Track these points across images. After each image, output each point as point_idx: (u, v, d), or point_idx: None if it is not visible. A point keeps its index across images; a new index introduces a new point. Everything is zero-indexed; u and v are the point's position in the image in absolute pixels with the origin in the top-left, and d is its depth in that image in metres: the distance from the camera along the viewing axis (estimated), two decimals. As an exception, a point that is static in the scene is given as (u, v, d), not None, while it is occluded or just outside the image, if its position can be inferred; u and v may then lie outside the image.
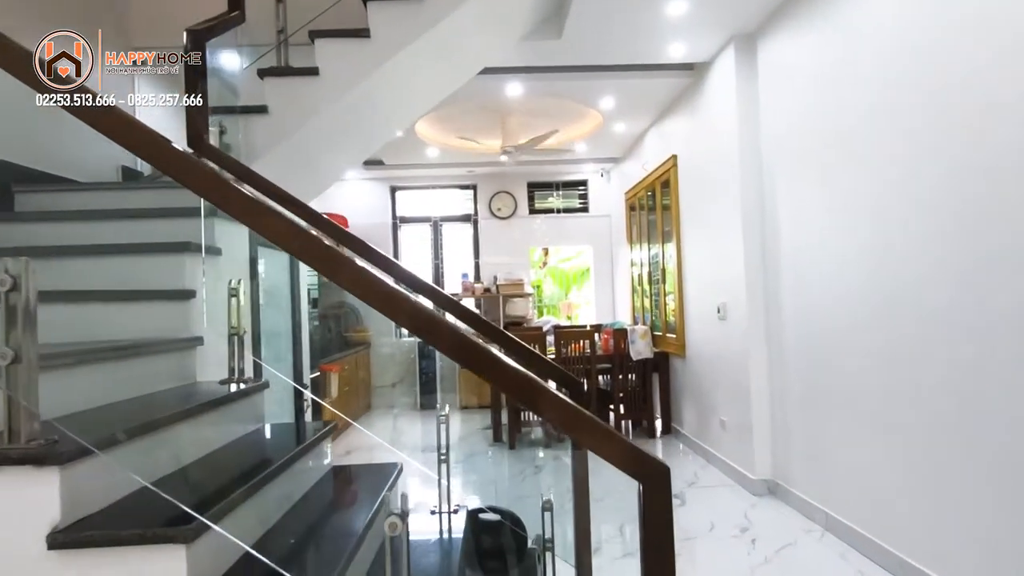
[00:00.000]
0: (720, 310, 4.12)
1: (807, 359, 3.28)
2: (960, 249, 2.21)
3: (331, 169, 3.77)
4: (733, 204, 3.85)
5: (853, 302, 2.84)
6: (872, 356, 2.71)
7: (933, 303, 2.34)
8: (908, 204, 2.46)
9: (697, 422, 4.73)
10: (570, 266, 10.07)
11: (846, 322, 2.90)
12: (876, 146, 2.65)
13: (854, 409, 2.86)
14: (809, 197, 3.22)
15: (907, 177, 2.46)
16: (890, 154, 2.56)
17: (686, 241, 4.81)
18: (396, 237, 7.69)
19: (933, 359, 2.35)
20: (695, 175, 4.56)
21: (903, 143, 2.48)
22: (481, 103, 5.14)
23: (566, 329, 6.10)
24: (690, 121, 4.64)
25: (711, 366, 4.41)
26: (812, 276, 3.20)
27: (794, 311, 3.41)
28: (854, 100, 2.79)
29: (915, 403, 2.46)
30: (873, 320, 2.70)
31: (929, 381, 2.37)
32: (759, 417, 3.73)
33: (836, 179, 2.96)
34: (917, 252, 2.42)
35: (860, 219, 2.78)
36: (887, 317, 2.60)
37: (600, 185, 7.60)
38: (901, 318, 2.52)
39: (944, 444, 2.31)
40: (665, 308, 5.37)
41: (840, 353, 2.96)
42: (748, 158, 3.76)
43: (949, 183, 2.26)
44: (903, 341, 2.51)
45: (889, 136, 2.56)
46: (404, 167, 7.02)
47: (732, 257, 3.92)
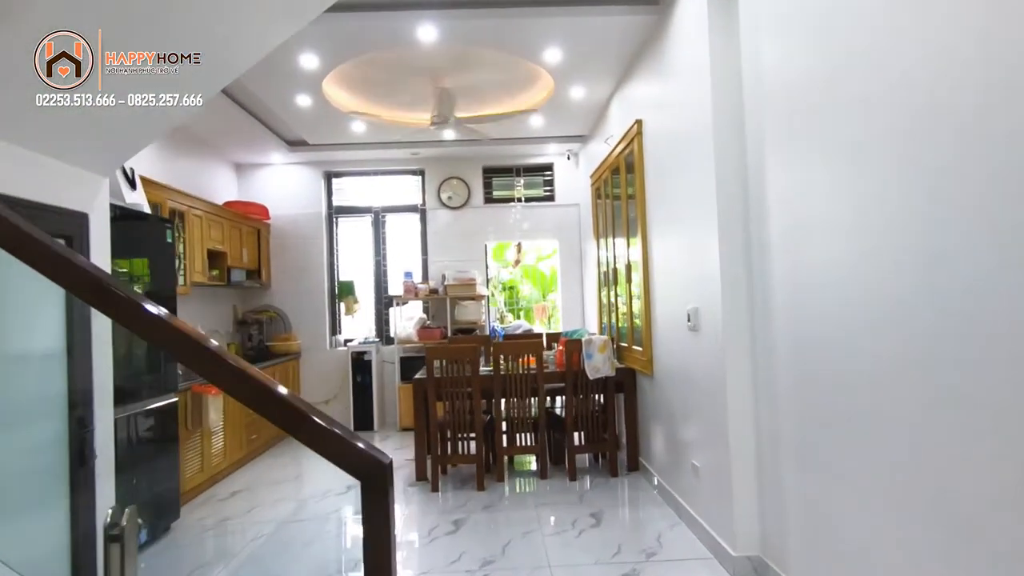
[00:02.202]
0: (690, 317, 3.10)
1: (808, 388, 2.25)
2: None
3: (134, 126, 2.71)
4: (706, 181, 2.84)
5: (874, 310, 1.81)
6: (901, 385, 1.68)
7: (995, 314, 1.32)
8: (949, 178, 1.44)
9: (667, 461, 3.70)
10: (548, 265, 9.08)
11: (864, 339, 1.88)
12: (904, 110, 1.63)
13: (876, 461, 1.83)
14: (809, 172, 2.19)
15: (944, 145, 1.44)
16: (925, 119, 1.54)
17: (653, 230, 3.78)
18: (332, 230, 6.66)
19: (992, 400, 1.32)
20: (663, 147, 3.54)
21: (945, 106, 1.46)
22: (407, 65, 4.12)
23: (511, 339, 5.07)
24: (656, 79, 3.61)
25: (681, 391, 3.38)
26: (814, 274, 2.17)
27: (789, 321, 2.38)
28: (872, 48, 1.77)
29: (966, 458, 1.43)
30: (903, 336, 1.67)
31: (981, 425, 1.35)
32: (741, 467, 2.71)
33: (848, 149, 1.94)
34: (963, 239, 1.39)
35: (882, 198, 1.75)
36: (927, 333, 1.58)
37: (567, 169, 6.57)
38: (947, 334, 1.49)
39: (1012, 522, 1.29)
40: (631, 314, 4.34)
41: (855, 382, 1.94)
42: (726, 123, 2.74)
43: (1002, 156, 1.24)
44: (950, 367, 1.48)
45: (920, 96, 1.54)
46: (333, 147, 5.98)
47: (704, 249, 2.90)
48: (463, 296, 6.14)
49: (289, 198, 6.45)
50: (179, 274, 4.47)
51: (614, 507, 3.66)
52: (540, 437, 4.23)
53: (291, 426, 0.92)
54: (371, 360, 6.08)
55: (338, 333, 6.62)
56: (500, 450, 4.27)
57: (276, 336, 6.26)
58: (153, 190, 4.14)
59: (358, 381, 6.10)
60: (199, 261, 4.80)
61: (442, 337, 6.02)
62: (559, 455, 4.53)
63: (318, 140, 5.79)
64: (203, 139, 5.55)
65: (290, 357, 6.13)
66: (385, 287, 6.64)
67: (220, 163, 6.04)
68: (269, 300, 6.40)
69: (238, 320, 6.17)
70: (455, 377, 4.07)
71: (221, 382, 0.98)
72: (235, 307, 6.18)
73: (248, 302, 6.34)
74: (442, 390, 4.10)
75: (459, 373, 4.06)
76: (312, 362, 6.42)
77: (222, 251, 5.22)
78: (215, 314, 5.71)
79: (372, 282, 6.67)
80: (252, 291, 6.30)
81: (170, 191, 4.40)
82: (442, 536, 3.31)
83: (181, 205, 4.54)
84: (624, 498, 3.85)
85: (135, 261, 3.47)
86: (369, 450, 0.88)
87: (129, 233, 3.21)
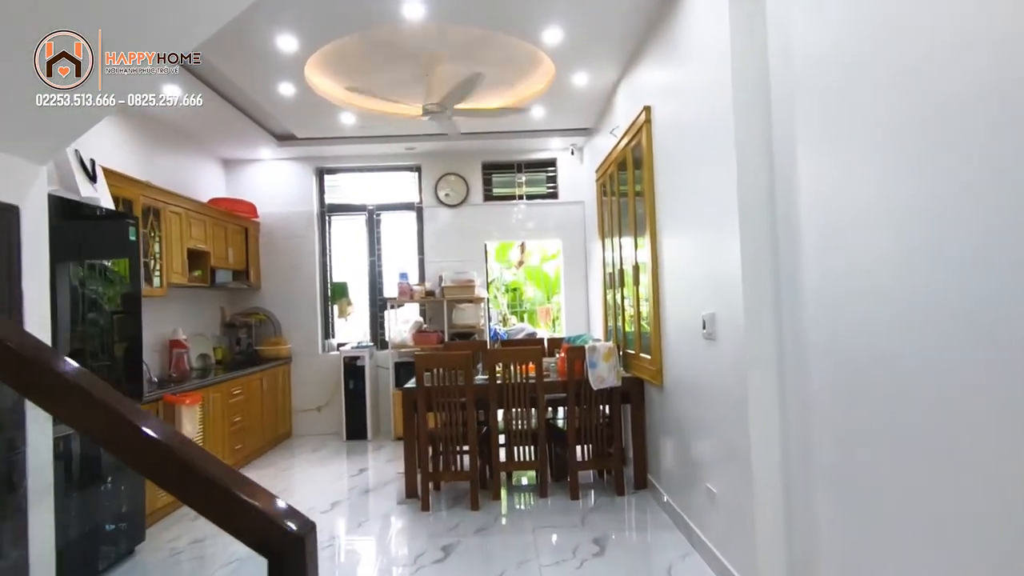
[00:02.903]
0: (706, 324, 2.76)
1: (849, 410, 1.91)
2: None
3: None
4: (725, 174, 2.50)
5: (934, 320, 1.47)
6: (972, 413, 1.34)
7: None
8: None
9: (678, 481, 3.36)
10: (553, 266, 8.74)
11: (921, 353, 1.54)
12: (967, 84, 1.29)
13: (939, 506, 1.49)
14: (851, 160, 1.85)
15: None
16: (991, 96, 1.20)
17: (663, 229, 3.45)
18: (325, 229, 6.35)
19: None
20: (674, 137, 3.20)
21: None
22: (396, 49, 3.81)
23: (509, 345, 4.74)
24: (667, 61, 3.28)
25: (694, 405, 3.04)
26: (856, 277, 1.83)
27: (824, 331, 2.04)
28: (927, 10, 1.43)
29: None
30: (973, 352, 1.33)
31: None
32: (765, 495, 2.37)
33: (899, 132, 1.60)
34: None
35: (940, 189, 1.42)
36: (1006, 347, 1.24)
37: (571, 165, 6.24)
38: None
39: None
40: (639, 319, 4.01)
41: (910, 406, 1.60)
42: (749, 108, 2.40)
43: None
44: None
45: (987, 70, 1.21)
46: (324, 142, 5.68)
47: (722, 249, 2.57)
48: (461, 299, 5.81)
49: (279, 195, 6.16)
50: (154, 275, 4.17)
51: (620, 531, 3.33)
52: (540, 451, 3.90)
53: (167, 480, 0.74)
54: (364, 365, 5.77)
55: (331, 337, 6.32)
56: (497, 465, 3.95)
57: (265, 340, 5.96)
58: (124, 185, 3.85)
59: (351, 388, 5.79)
60: (178, 261, 4.50)
61: (439, 342, 5.71)
62: (561, 470, 4.20)
63: (307, 134, 5.50)
64: (187, 133, 5.26)
65: (280, 362, 5.83)
66: (380, 289, 6.33)
67: (206, 158, 5.75)
68: (258, 302, 6.11)
69: (225, 323, 5.88)
70: (447, 387, 3.75)
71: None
72: (223, 309, 5.89)
73: (237, 304, 6.05)
74: (433, 400, 3.78)
75: (452, 382, 3.74)
76: (303, 367, 6.12)
77: (204, 250, 4.93)
78: (200, 316, 5.42)
79: (367, 283, 6.36)
80: (241, 293, 6.00)
81: (143, 187, 4.10)
82: (429, 565, 2.98)
83: (156, 202, 4.24)
84: (631, 521, 3.51)
85: (119, 262, 3.19)
86: (279, 517, 0.71)
87: (84, 231, 2.91)
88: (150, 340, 4.58)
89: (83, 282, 2.88)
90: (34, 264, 2.23)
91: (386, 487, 4.32)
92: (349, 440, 5.76)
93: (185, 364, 4.66)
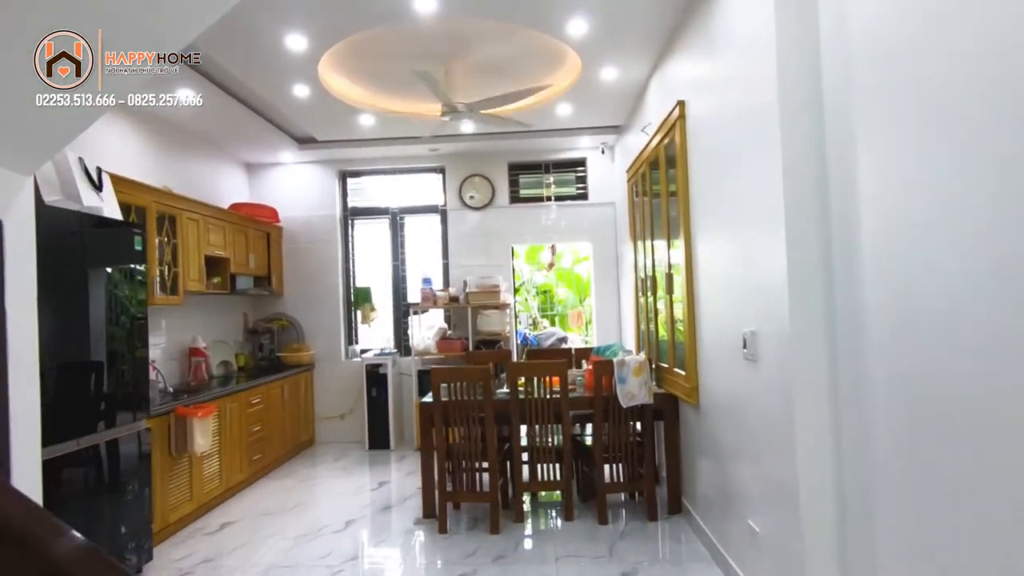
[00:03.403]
0: (747, 343, 2.47)
1: (920, 452, 1.62)
2: None
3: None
4: (769, 172, 2.21)
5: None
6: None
7: None
8: None
9: (717, 510, 3.07)
10: (585, 268, 8.45)
11: (1014, 387, 1.25)
12: None
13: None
14: (925, 156, 1.56)
15: None
16: None
17: (698, 231, 3.16)
18: (348, 234, 6.23)
19: None
20: (711, 133, 2.91)
21: None
22: (410, 48, 3.62)
23: (534, 357, 4.50)
24: (703, 52, 2.99)
25: (733, 431, 2.75)
26: (932, 290, 1.54)
27: (890, 359, 1.74)
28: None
29: None
30: None
31: None
32: (817, 541, 2.07)
33: (986, 127, 1.31)
34: None
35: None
36: None
37: (601, 164, 5.96)
38: None
39: None
40: (673, 331, 3.72)
41: (998, 448, 1.30)
42: (797, 99, 2.11)
43: None
44: None
45: None
46: (344, 144, 5.54)
47: (765, 257, 2.28)
48: (486, 305, 5.60)
49: (302, 199, 6.06)
50: (168, 283, 4.08)
51: (651, 563, 3.05)
52: (565, 471, 3.65)
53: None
54: (387, 373, 5.61)
55: (354, 343, 6.19)
56: (519, 484, 3.71)
57: (288, 346, 5.87)
58: (136, 193, 3.76)
59: (373, 395, 5.64)
60: (195, 268, 4.41)
61: (463, 349, 5.51)
62: (588, 489, 3.94)
63: (327, 136, 5.36)
64: (208, 138, 5.19)
65: (303, 368, 5.73)
66: (404, 294, 6.17)
67: (228, 163, 5.68)
68: (281, 308, 6.02)
69: (248, 329, 5.81)
70: (465, 402, 3.53)
71: None
72: (246, 315, 5.82)
73: (260, 310, 5.97)
74: (451, 416, 3.57)
75: (470, 397, 3.53)
76: (326, 374, 6.00)
77: (223, 257, 4.84)
78: (222, 323, 5.35)
79: (390, 288, 6.21)
80: (263, 298, 5.93)
81: (157, 193, 4.01)
82: (442, 599, 2.77)
83: (172, 208, 4.15)
84: (664, 552, 3.23)
85: (124, 272, 3.09)
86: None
87: (86, 242, 2.80)
88: (170, 348, 4.52)
89: (83, 295, 2.77)
90: (19, 281, 2.10)
91: (405, 503, 4.13)
92: (372, 449, 5.61)
93: (203, 373, 4.57)
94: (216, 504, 4.11)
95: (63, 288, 2.65)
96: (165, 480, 3.52)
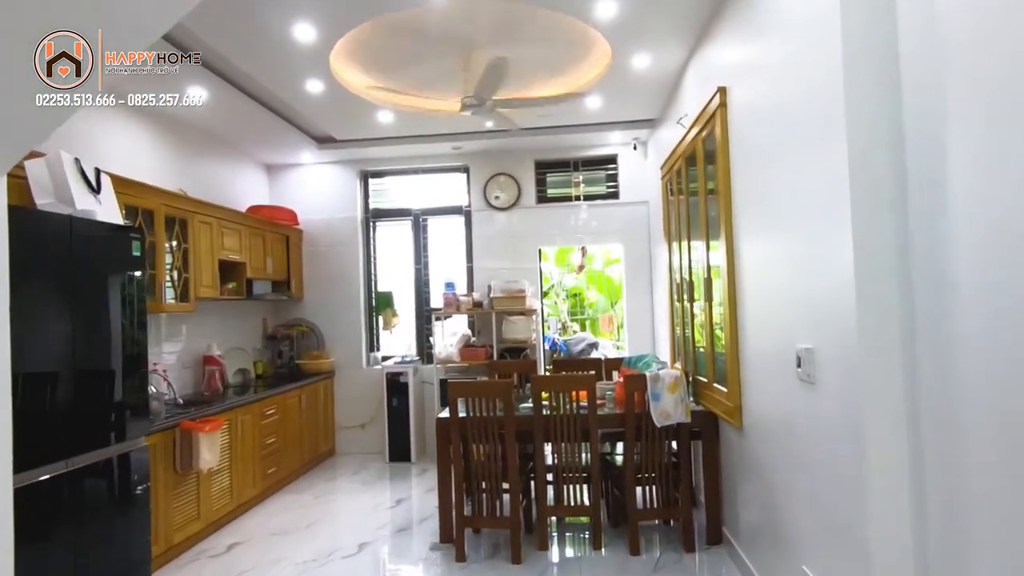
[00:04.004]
0: (801, 362, 2.13)
1: None
2: None
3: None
4: (831, 163, 1.87)
5: None
6: None
7: None
8: None
9: (763, 546, 2.72)
10: (617, 270, 8.10)
11: None
12: None
13: None
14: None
15: None
16: None
17: (741, 232, 2.82)
18: (369, 236, 6.03)
19: None
20: (757, 123, 2.57)
21: None
22: (427, 36, 3.37)
23: (559, 366, 4.19)
24: (746, 31, 2.65)
25: (783, 461, 2.41)
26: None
27: (992, 386, 1.40)
28: None
29: None
30: None
31: None
32: (891, 604, 1.73)
33: None
34: None
35: None
36: None
37: (634, 161, 5.62)
38: None
39: None
40: (712, 342, 3.38)
41: None
42: (866, 81, 1.76)
43: None
44: None
45: None
46: (364, 143, 5.34)
47: (825, 260, 1.94)
48: (511, 310, 5.32)
49: (322, 200, 5.89)
50: (177, 288, 3.93)
51: (689, 604, 2.73)
52: (594, 494, 3.35)
53: None
54: (407, 382, 5.38)
55: (376, 350, 5.99)
56: (544, 508, 3.42)
57: (307, 353, 5.70)
58: (143, 195, 3.60)
59: (394, 405, 5.42)
60: (208, 274, 4.25)
61: (487, 357, 5.24)
62: (618, 513, 3.62)
63: (346, 135, 5.17)
64: (224, 139, 5.06)
65: (322, 377, 5.54)
66: (427, 299, 5.94)
67: (248, 165, 5.55)
68: (301, 313, 5.86)
69: (267, 335, 5.67)
70: (484, 418, 3.26)
71: None
72: (265, 321, 5.68)
73: (279, 315, 5.83)
74: (469, 433, 3.31)
75: (490, 413, 3.26)
76: (347, 382, 5.81)
77: (239, 261, 4.68)
78: (239, 330, 5.20)
79: (412, 293, 5.99)
80: (283, 303, 5.78)
81: (167, 195, 3.86)
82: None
83: (183, 211, 4.00)
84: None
85: (123, 278, 2.92)
86: None
87: (77, 247, 2.62)
88: (184, 357, 4.38)
89: (71, 303, 2.59)
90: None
91: (423, 524, 3.89)
92: (392, 462, 5.39)
93: (217, 382, 4.41)
94: (226, 522, 3.93)
95: (47, 297, 2.48)
96: (169, 499, 3.35)
